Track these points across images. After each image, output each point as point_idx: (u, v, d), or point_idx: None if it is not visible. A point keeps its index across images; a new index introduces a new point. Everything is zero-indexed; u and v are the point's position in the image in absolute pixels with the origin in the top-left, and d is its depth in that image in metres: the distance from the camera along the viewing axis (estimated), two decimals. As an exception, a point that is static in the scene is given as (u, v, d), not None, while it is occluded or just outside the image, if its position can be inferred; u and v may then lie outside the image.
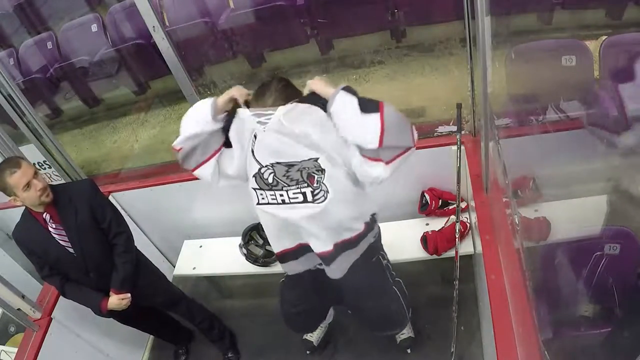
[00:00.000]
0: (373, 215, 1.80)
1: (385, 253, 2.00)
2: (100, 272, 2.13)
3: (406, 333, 2.45)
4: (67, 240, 2.04)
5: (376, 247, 1.91)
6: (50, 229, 2.02)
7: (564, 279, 1.82)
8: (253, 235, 2.67)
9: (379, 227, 1.89)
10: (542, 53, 2.33)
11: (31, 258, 2.08)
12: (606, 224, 1.82)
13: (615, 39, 2.28)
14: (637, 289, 1.73)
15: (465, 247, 2.36)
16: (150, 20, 2.02)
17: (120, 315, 2.32)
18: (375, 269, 1.94)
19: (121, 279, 2.15)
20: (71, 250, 2.06)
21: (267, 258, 2.62)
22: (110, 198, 2.88)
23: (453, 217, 2.39)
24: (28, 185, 1.89)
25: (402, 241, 2.51)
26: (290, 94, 1.58)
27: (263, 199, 1.64)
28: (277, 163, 1.57)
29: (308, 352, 2.60)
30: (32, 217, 2.02)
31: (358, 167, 1.53)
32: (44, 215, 2.01)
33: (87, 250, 2.08)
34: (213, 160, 1.68)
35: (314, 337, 2.58)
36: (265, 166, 1.59)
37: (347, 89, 1.52)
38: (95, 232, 2.09)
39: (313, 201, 1.59)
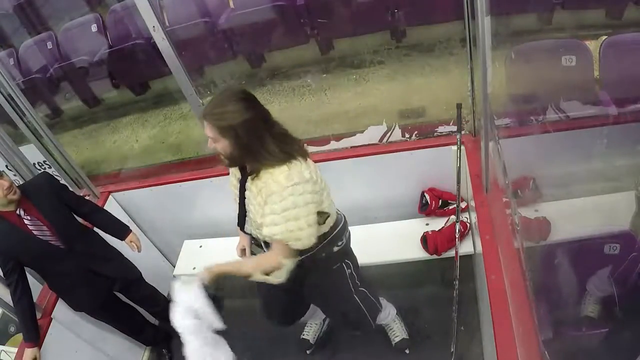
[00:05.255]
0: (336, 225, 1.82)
1: (351, 262, 1.99)
2: (79, 249, 2.21)
3: (400, 335, 2.45)
4: (46, 228, 2.10)
5: (338, 255, 1.90)
6: (25, 221, 2.07)
7: (564, 279, 1.82)
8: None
9: (347, 237, 1.91)
10: (542, 53, 2.33)
11: (5, 267, 2.06)
12: (606, 224, 1.83)
13: (615, 39, 2.27)
14: (637, 289, 1.73)
15: (465, 247, 2.37)
16: (150, 20, 2.02)
17: (91, 306, 2.40)
18: (335, 276, 1.97)
19: (114, 222, 2.42)
20: (47, 238, 2.11)
21: (267, 258, 2.62)
22: (110, 198, 2.88)
23: (453, 217, 2.39)
24: None
25: (402, 241, 2.51)
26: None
27: None
28: None
29: (308, 351, 2.61)
30: (2, 219, 2.04)
31: None
32: (18, 211, 2.06)
33: (65, 228, 2.18)
34: None
35: (309, 335, 2.59)
36: None
37: None
38: (66, 211, 2.23)
39: None
